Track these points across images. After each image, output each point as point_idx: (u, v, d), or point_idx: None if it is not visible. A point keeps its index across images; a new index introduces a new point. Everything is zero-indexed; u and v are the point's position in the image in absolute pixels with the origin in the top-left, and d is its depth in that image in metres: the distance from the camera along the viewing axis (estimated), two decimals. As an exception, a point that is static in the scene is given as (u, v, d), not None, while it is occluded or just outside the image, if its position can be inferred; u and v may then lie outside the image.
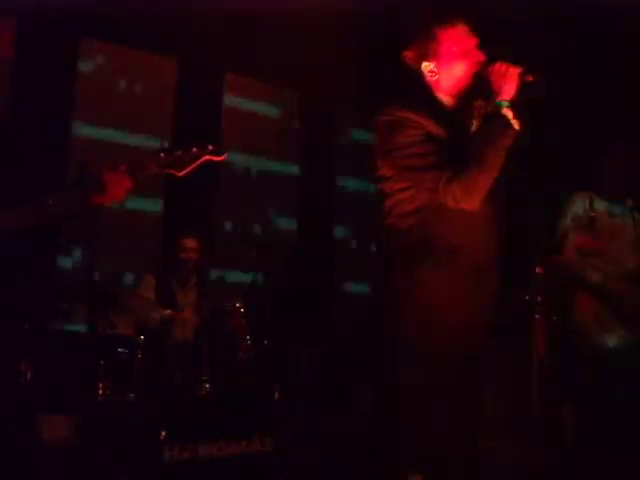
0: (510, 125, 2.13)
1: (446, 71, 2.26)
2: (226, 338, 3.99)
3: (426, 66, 2.29)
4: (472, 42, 2.26)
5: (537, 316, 4.04)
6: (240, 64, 5.69)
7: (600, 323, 3.48)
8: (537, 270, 4.12)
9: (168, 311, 4.22)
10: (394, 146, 2.21)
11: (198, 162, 2.32)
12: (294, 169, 6.39)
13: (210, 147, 2.34)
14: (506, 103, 2.14)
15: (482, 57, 2.23)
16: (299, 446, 3.81)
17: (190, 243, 4.53)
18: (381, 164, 2.30)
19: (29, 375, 3.42)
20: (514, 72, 2.14)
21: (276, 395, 3.83)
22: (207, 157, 2.33)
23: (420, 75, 2.32)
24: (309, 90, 6.20)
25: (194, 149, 2.32)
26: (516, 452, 3.97)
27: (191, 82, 5.62)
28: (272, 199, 6.21)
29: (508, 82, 2.14)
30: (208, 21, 4.89)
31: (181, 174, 2.31)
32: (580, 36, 4.39)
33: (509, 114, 2.13)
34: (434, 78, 2.28)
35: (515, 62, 2.18)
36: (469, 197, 2.13)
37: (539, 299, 4.03)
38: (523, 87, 2.16)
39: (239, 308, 4.10)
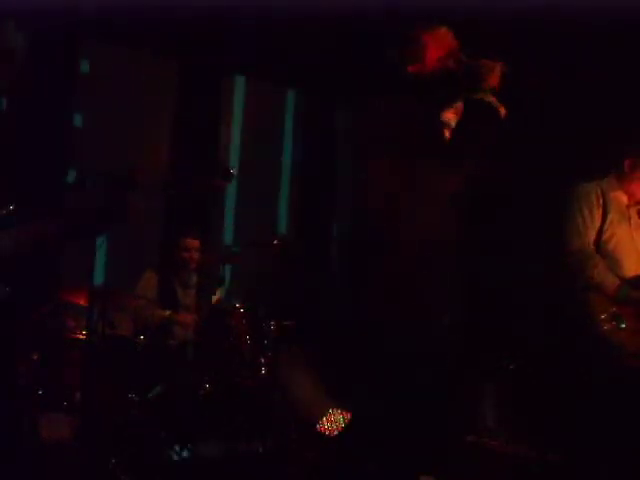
0: (496, 110, 2.22)
1: (429, 72, 2.34)
2: (226, 338, 3.99)
3: (411, 69, 2.37)
4: (455, 45, 2.35)
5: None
6: (240, 64, 5.69)
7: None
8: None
9: (167, 312, 4.22)
10: (380, 133, 2.28)
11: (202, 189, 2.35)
12: (295, 167, 6.40)
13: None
14: (489, 91, 2.23)
15: (463, 59, 2.31)
16: (299, 446, 3.81)
17: (192, 243, 4.54)
18: (365, 153, 2.37)
19: (29, 375, 3.43)
20: (496, 65, 2.23)
21: (276, 395, 3.83)
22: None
23: (402, 71, 2.40)
24: (311, 90, 6.20)
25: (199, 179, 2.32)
26: (516, 452, 3.97)
27: (191, 82, 5.62)
28: (272, 198, 6.22)
29: (490, 73, 2.23)
30: (208, 21, 4.88)
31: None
32: (577, 36, 4.39)
33: (493, 100, 2.23)
34: (418, 79, 2.37)
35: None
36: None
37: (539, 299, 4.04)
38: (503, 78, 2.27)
39: (239, 308, 4.10)
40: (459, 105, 2.33)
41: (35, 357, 3.49)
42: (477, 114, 2.25)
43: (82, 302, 3.74)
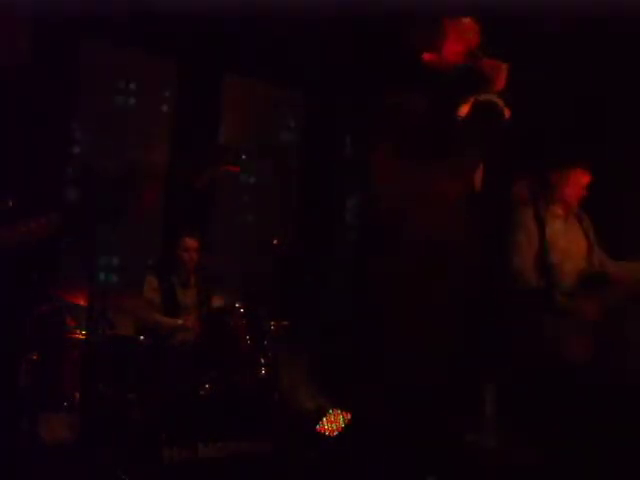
0: (501, 113, 2.21)
1: (446, 63, 2.34)
2: (226, 338, 3.99)
3: (428, 57, 2.37)
4: (475, 41, 2.34)
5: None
6: (241, 64, 5.69)
7: None
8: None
9: (180, 321, 4.23)
10: (390, 129, 2.28)
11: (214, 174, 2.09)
12: (295, 166, 6.40)
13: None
14: (496, 94, 2.23)
15: (480, 56, 2.30)
16: (299, 446, 3.81)
17: (191, 243, 4.55)
18: (377, 151, 2.36)
19: (29, 375, 3.43)
20: (503, 66, 2.23)
21: (276, 395, 3.83)
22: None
23: (419, 62, 2.39)
24: (312, 90, 6.20)
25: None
26: (516, 452, 3.97)
27: (191, 82, 5.62)
28: (271, 198, 6.22)
29: (498, 74, 2.22)
30: (208, 21, 4.88)
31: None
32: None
33: (500, 102, 2.22)
34: (434, 67, 2.37)
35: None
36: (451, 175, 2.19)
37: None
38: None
39: (239, 308, 4.10)
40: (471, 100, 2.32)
41: (35, 357, 3.49)
42: (483, 115, 2.25)
43: (82, 302, 3.74)
